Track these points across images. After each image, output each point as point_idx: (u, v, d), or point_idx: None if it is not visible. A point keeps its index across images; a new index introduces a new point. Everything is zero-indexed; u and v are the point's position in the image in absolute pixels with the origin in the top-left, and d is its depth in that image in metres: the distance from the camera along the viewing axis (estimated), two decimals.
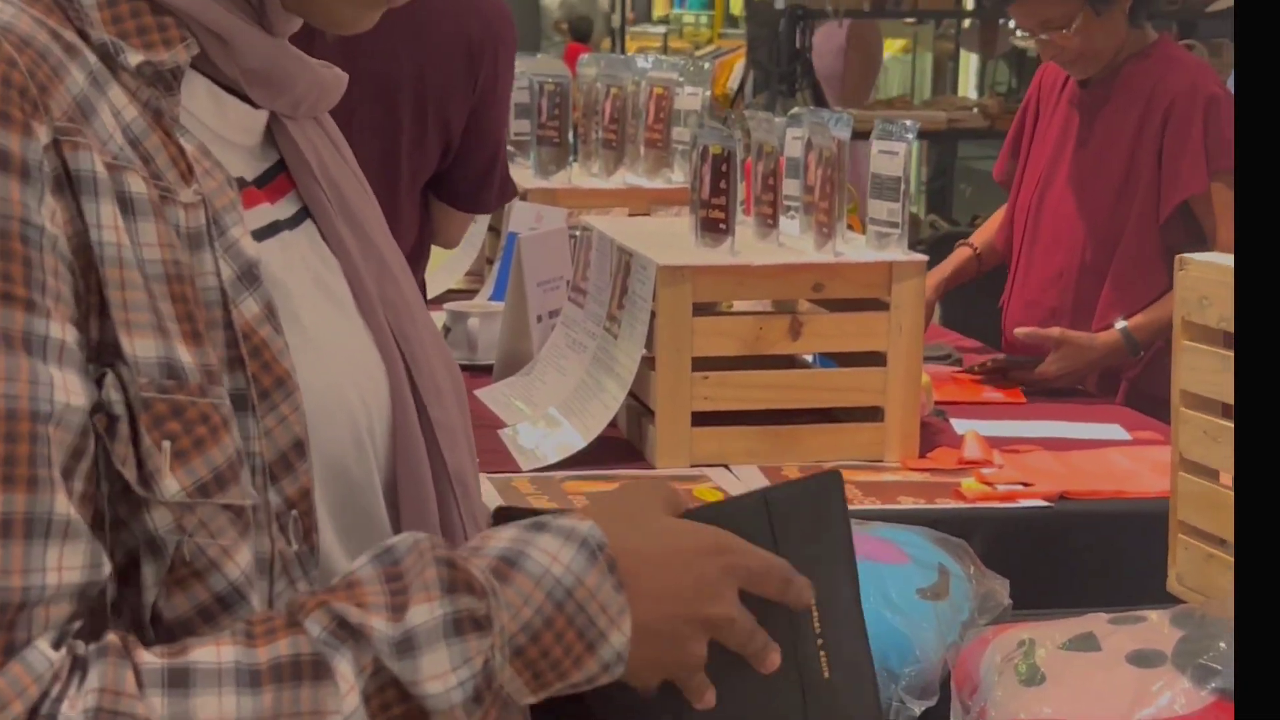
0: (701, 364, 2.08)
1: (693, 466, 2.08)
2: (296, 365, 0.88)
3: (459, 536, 0.98)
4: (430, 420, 0.97)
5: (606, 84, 2.98)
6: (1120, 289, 2.64)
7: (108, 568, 0.80)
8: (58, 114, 0.82)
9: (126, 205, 0.83)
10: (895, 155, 2.09)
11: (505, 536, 0.87)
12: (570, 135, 2.99)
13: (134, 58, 0.87)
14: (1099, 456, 2.15)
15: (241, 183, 0.92)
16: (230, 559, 0.84)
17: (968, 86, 8.31)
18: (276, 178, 0.97)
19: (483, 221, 3.19)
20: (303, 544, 0.87)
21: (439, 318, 2.62)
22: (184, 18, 0.89)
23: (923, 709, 1.34)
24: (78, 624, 0.80)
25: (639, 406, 2.17)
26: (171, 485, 0.82)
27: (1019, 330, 2.62)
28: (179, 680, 0.78)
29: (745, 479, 2.04)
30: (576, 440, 2.10)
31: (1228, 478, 1.51)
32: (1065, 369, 2.55)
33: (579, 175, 3.02)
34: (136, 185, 0.84)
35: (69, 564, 0.78)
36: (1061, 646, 1.27)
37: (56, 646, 0.78)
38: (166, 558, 0.82)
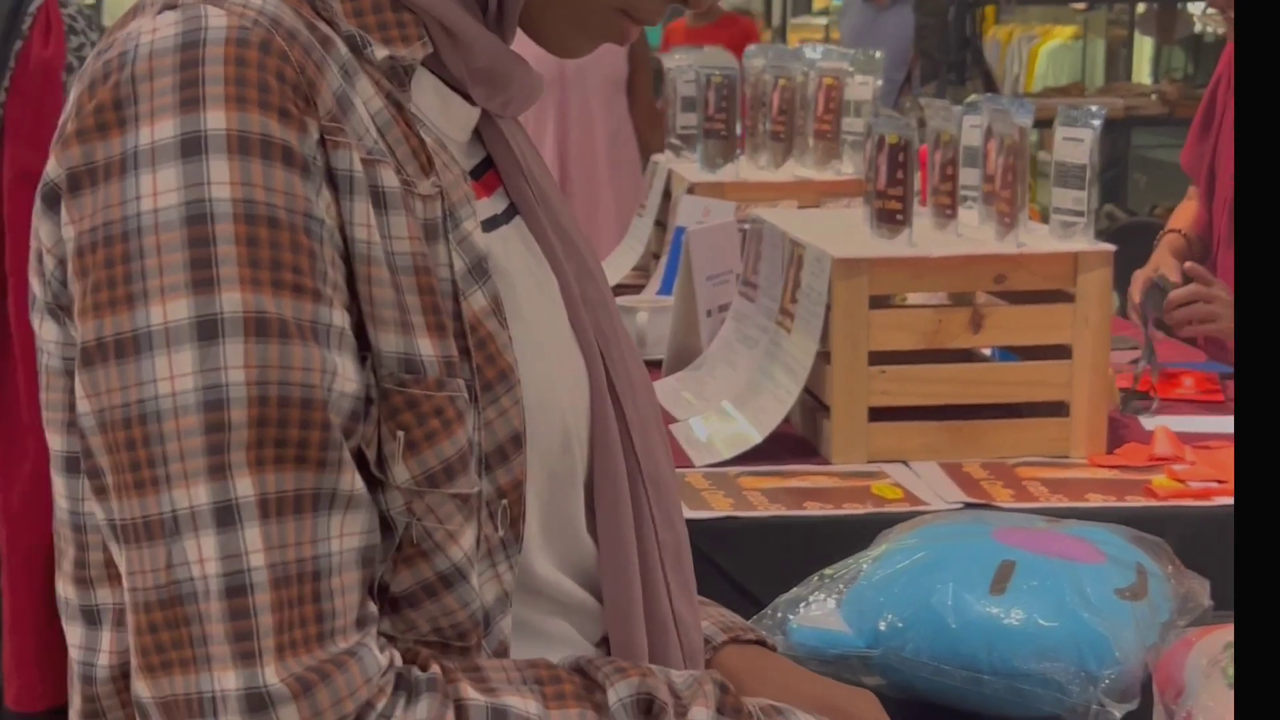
0: (878, 358, 2.04)
1: (870, 463, 2.04)
2: (517, 359, 0.90)
3: (650, 538, 0.98)
4: (626, 420, 0.98)
5: (775, 75, 2.94)
6: None
7: (379, 533, 0.85)
8: (322, 111, 0.85)
9: (379, 199, 0.86)
10: (1081, 142, 2.03)
11: (765, 700, 0.97)
12: (738, 128, 2.97)
13: (380, 51, 0.89)
14: None
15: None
16: (455, 542, 0.87)
17: (1142, 73, 8.08)
18: (485, 174, 0.98)
19: (649, 216, 3.19)
20: (509, 531, 0.89)
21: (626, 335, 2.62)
22: (423, 14, 0.91)
23: (1124, 712, 1.30)
24: (374, 613, 0.84)
25: (813, 402, 2.13)
26: (402, 473, 0.85)
27: (1189, 266, 2.47)
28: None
29: (924, 476, 1.99)
30: (752, 435, 2.08)
31: None
32: (1224, 323, 2.42)
33: (746, 168, 3.00)
34: (389, 179, 0.86)
35: (350, 530, 0.83)
36: None
37: (382, 650, 0.83)
38: (396, 537, 0.86)
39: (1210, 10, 2.64)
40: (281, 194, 0.82)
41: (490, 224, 0.95)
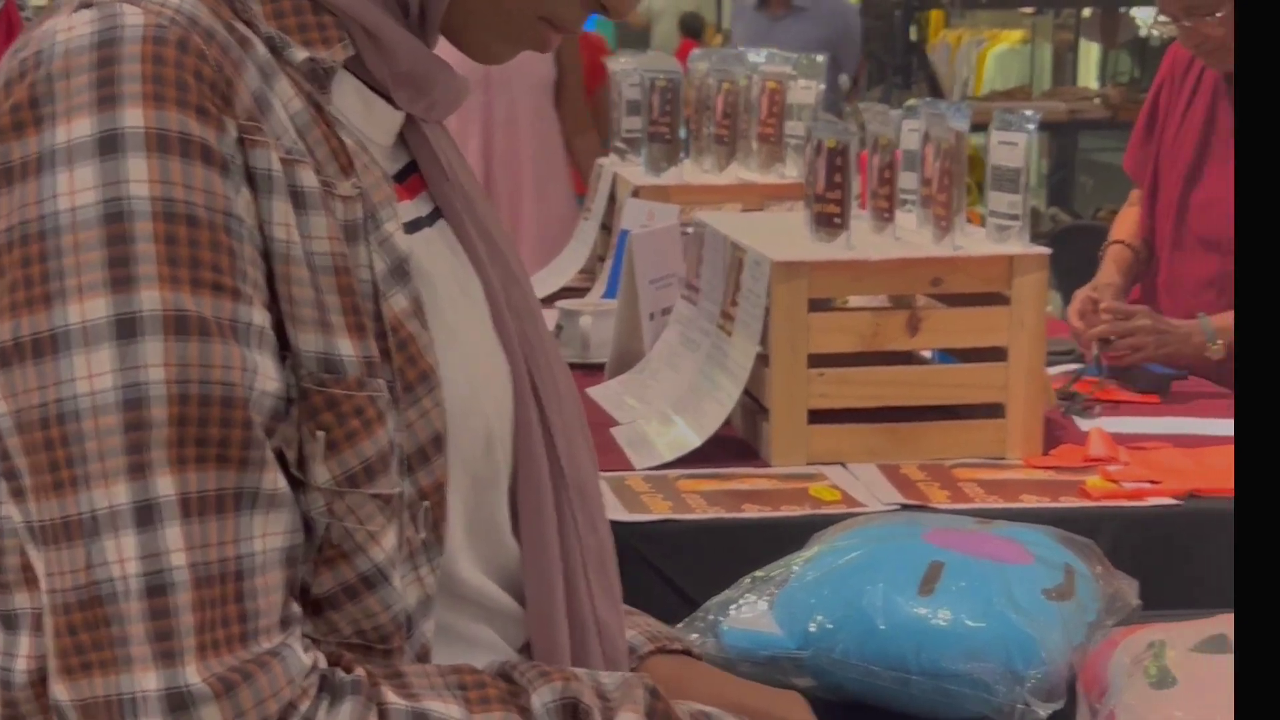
0: (818, 360, 2.05)
1: (809, 464, 2.05)
2: (439, 361, 0.90)
3: (573, 542, 0.98)
4: (549, 424, 0.98)
5: (719, 79, 2.96)
6: None
7: (302, 533, 0.85)
8: (240, 110, 0.84)
9: (299, 199, 0.86)
10: (1015, 146, 2.04)
11: (697, 705, 0.97)
12: (682, 131, 2.97)
13: (299, 53, 0.89)
14: (1229, 453, 2.08)
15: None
16: (376, 543, 0.87)
17: (1088, 77, 8.15)
18: (410, 178, 0.98)
19: (594, 220, 3.19)
20: (431, 534, 0.90)
21: (551, 316, 2.62)
22: (344, 17, 0.91)
23: (1049, 712, 1.31)
24: (298, 614, 0.84)
25: (754, 404, 2.14)
26: (323, 474, 0.85)
27: (1105, 307, 2.43)
28: None
29: (862, 478, 2.00)
30: (691, 438, 2.08)
31: None
32: (1150, 351, 2.41)
33: (691, 171, 3.00)
34: (309, 179, 0.86)
35: (273, 529, 0.83)
36: (1193, 648, 1.23)
37: (306, 651, 0.83)
38: (317, 538, 0.86)
39: (1161, 18, 2.62)
40: (201, 192, 0.82)
41: (413, 226, 0.95)
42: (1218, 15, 2.43)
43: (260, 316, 0.84)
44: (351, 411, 0.85)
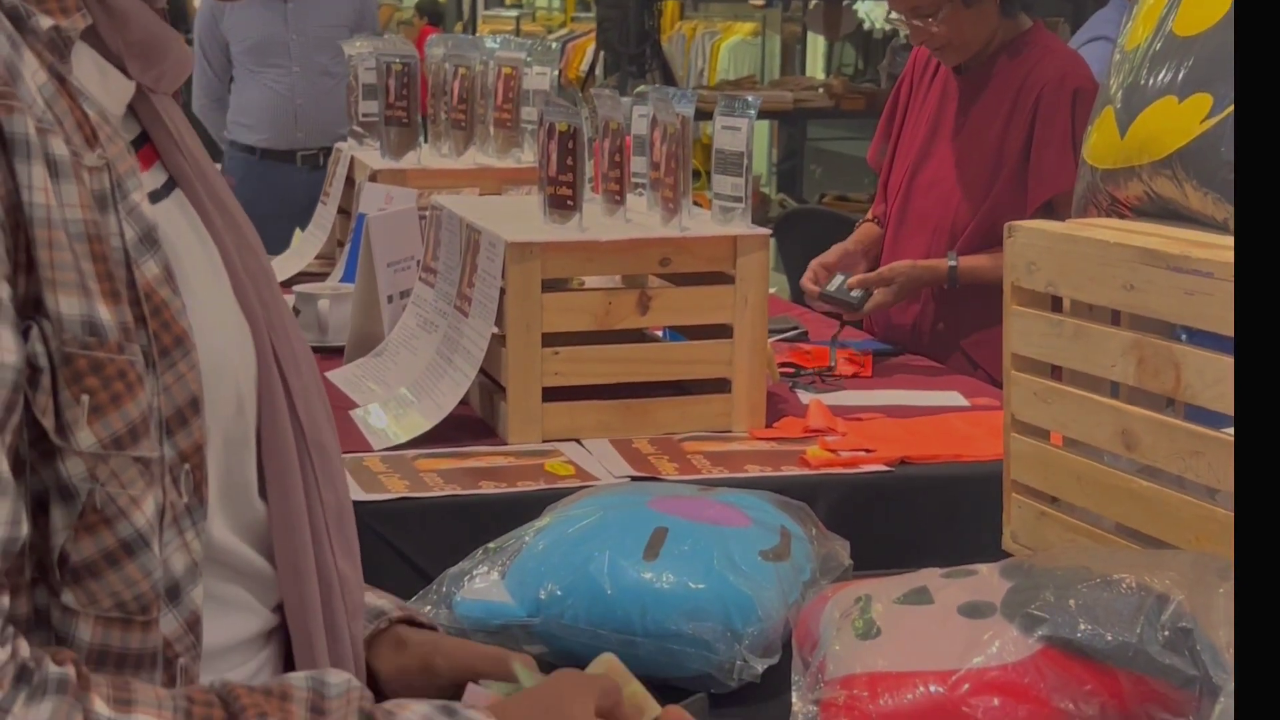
0: (551, 340, 2.09)
1: (544, 442, 2.09)
2: (191, 326, 0.91)
3: (316, 499, 1.01)
4: (289, 386, 1.01)
5: (454, 64, 2.97)
6: None
7: (25, 526, 0.84)
8: None
9: (53, 167, 0.86)
10: (738, 131, 2.13)
11: (419, 712, 0.94)
12: (419, 116, 2.98)
13: (44, 21, 0.89)
14: (938, 422, 2.21)
15: None
16: (138, 508, 0.88)
17: (816, 68, 8.42)
18: (142, 148, 0.99)
19: (332, 204, 3.17)
20: (193, 497, 0.91)
21: (288, 300, 2.59)
22: None
23: (765, 666, 1.38)
24: (7, 602, 0.82)
25: (491, 384, 2.18)
26: (87, 437, 0.85)
27: (853, 280, 2.62)
28: None
29: (596, 452, 2.06)
30: (425, 421, 2.10)
31: (1058, 437, 1.57)
32: (898, 295, 2.60)
33: (429, 156, 3.01)
34: (60, 148, 0.87)
35: None
36: (896, 601, 1.31)
37: (3, 643, 0.81)
38: (78, 504, 0.86)
39: (894, 15, 2.75)
40: None
41: (154, 197, 0.96)
42: (939, 16, 2.58)
43: (2, 290, 0.83)
44: (115, 374, 0.86)
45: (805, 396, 2.32)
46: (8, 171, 0.84)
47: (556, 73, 2.87)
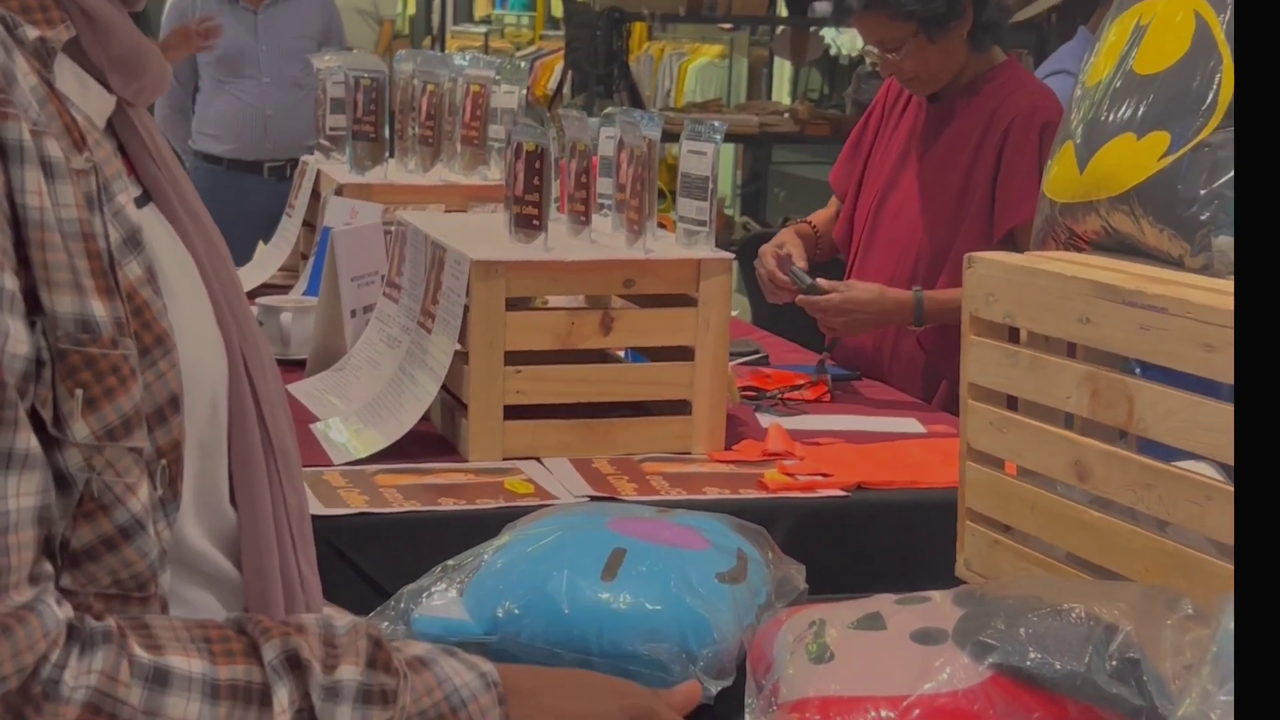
0: (514, 358, 2.10)
1: (505, 460, 2.10)
2: (170, 327, 0.95)
3: (280, 504, 1.04)
4: (257, 393, 1.04)
5: (423, 80, 2.98)
6: None
7: (54, 492, 0.88)
8: None
9: (48, 169, 0.89)
10: (704, 155, 2.15)
11: (423, 646, 1.02)
12: (387, 131, 2.99)
13: (30, 32, 0.92)
14: (895, 449, 2.23)
15: None
16: (134, 494, 0.91)
17: (783, 92, 8.47)
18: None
19: (297, 217, 3.17)
20: (168, 490, 0.94)
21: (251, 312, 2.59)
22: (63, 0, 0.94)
23: (719, 689, 1.39)
24: (49, 571, 0.87)
25: (452, 401, 2.18)
26: (82, 429, 0.89)
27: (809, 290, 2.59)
28: (159, 679, 0.88)
29: (556, 471, 2.07)
30: (387, 436, 2.11)
31: (1013, 467, 1.60)
32: (851, 318, 2.58)
33: (395, 171, 3.02)
34: (54, 150, 0.90)
35: (25, 490, 0.86)
36: (850, 626, 1.32)
37: (59, 604, 0.87)
38: (76, 493, 0.89)
39: (868, 47, 2.79)
40: None
41: (135, 203, 0.99)
42: (902, 51, 2.62)
43: (10, 282, 0.86)
44: (109, 369, 0.89)
45: (765, 420, 2.34)
46: (5, 175, 0.87)
47: (525, 91, 2.88)
